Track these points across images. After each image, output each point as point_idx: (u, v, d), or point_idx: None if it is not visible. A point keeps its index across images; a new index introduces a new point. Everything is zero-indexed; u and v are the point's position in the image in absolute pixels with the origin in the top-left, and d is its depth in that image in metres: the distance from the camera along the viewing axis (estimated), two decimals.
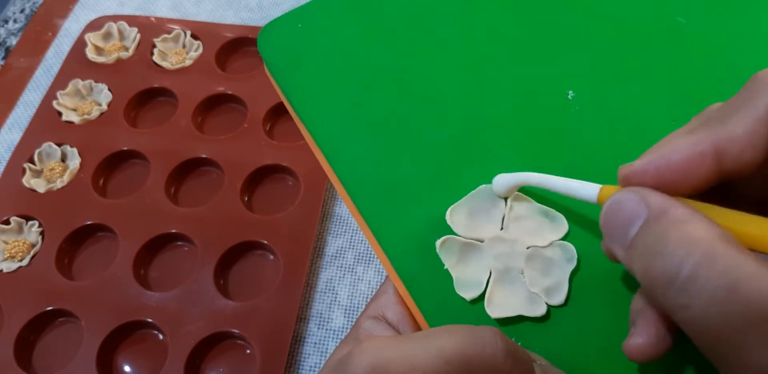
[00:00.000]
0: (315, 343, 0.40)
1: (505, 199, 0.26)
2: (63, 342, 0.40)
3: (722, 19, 0.29)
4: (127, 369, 0.39)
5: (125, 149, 0.47)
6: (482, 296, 0.25)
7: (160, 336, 0.40)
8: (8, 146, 0.49)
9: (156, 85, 0.50)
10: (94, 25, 0.54)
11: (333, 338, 0.40)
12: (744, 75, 0.25)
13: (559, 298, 0.24)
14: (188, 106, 0.49)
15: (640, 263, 0.17)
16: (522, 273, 0.25)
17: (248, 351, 0.39)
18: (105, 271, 0.41)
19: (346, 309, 0.41)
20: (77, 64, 0.52)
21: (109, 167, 0.47)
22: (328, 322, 0.41)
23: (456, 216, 0.26)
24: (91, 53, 0.52)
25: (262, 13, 0.57)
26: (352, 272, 0.43)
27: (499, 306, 0.25)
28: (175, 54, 0.52)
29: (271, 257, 0.43)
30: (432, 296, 0.25)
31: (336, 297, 0.42)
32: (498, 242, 0.25)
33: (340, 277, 0.42)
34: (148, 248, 0.43)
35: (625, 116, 0.27)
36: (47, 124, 0.48)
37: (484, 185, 0.26)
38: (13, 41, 0.57)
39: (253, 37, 0.53)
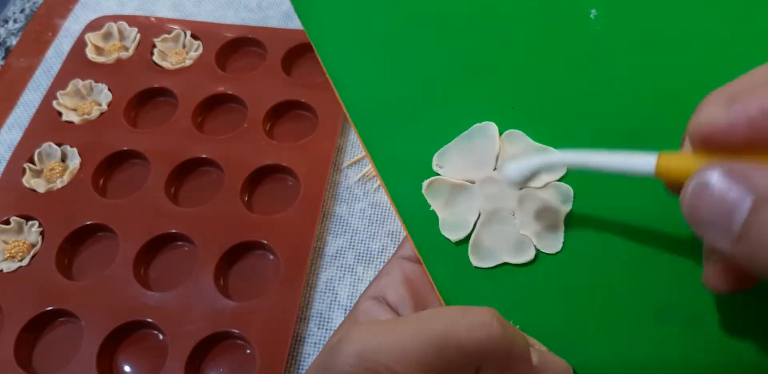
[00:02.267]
0: (315, 343, 0.40)
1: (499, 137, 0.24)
2: (63, 342, 0.40)
3: None
4: (127, 369, 0.39)
5: (125, 149, 0.47)
6: (468, 237, 0.24)
7: (160, 336, 0.40)
8: (8, 146, 0.49)
9: (156, 85, 0.50)
10: (94, 25, 0.54)
11: None
12: None
13: (554, 246, 0.23)
14: (188, 106, 0.49)
15: (763, 259, 0.14)
16: (513, 215, 0.24)
17: (248, 351, 0.39)
18: (105, 271, 0.41)
19: (346, 309, 0.41)
20: (77, 64, 0.52)
21: (109, 167, 0.47)
22: (328, 322, 0.41)
23: (444, 159, 0.25)
24: (91, 53, 0.52)
25: (262, 13, 0.57)
26: (352, 273, 0.43)
27: (483, 251, 0.24)
28: (175, 54, 0.52)
29: (271, 257, 0.43)
30: (424, 230, 0.25)
31: (336, 297, 0.42)
32: (489, 183, 0.24)
33: (340, 277, 0.42)
34: (148, 248, 0.43)
35: (651, 38, 0.23)
36: (47, 124, 0.48)
37: (477, 124, 0.25)
38: (13, 41, 0.57)
39: (253, 37, 0.53)
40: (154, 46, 0.52)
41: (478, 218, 0.24)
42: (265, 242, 0.42)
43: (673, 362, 0.21)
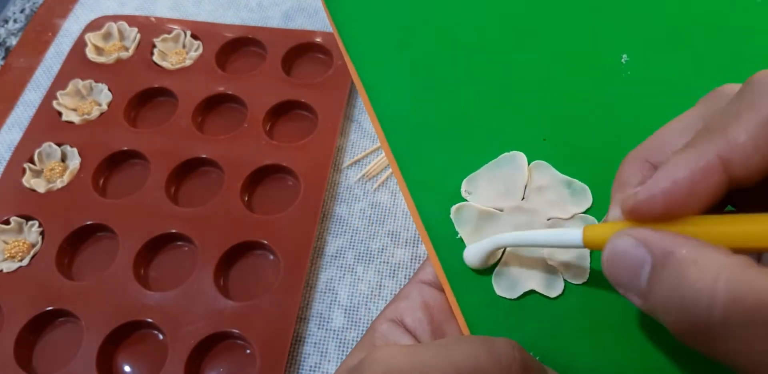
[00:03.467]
0: (315, 343, 0.40)
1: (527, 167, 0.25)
2: (63, 342, 0.40)
3: None
4: (127, 369, 0.39)
5: (125, 149, 0.47)
6: (495, 265, 0.24)
7: (160, 336, 0.40)
8: (8, 146, 0.49)
9: (156, 85, 0.50)
10: (94, 25, 0.54)
11: (333, 338, 0.40)
12: None
13: (581, 276, 0.23)
14: (188, 106, 0.49)
15: (665, 314, 0.16)
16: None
17: (248, 351, 0.39)
18: (105, 271, 0.41)
19: (346, 309, 0.41)
20: (77, 64, 0.52)
21: (109, 167, 0.47)
22: (328, 322, 0.41)
23: (472, 185, 0.25)
24: (91, 53, 0.52)
25: (262, 13, 0.57)
26: (352, 273, 0.43)
27: (508, 280, 0.24)
28: (175, 54, 0.52)
29: (271, 257, 0.43)
30: (450, 256, 0.24)
31: (336, 297, 0.42)
32: (518, 212, 0.24)
33: (340, 277, 0.42)
34: (148, 248, 0.43)
35: (677, 84, 0.25)
36: (47, 124, 0.48)
37: (507, 153, 0.25)
38: (13, 41, 0.57)
39: (253, 37, 0.53)
40: (154, 46, 0.52)
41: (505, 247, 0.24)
42: (265, 242, 0.42)
43: None
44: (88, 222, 0.43)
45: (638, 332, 0.22)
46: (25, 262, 0.42)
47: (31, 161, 0.47)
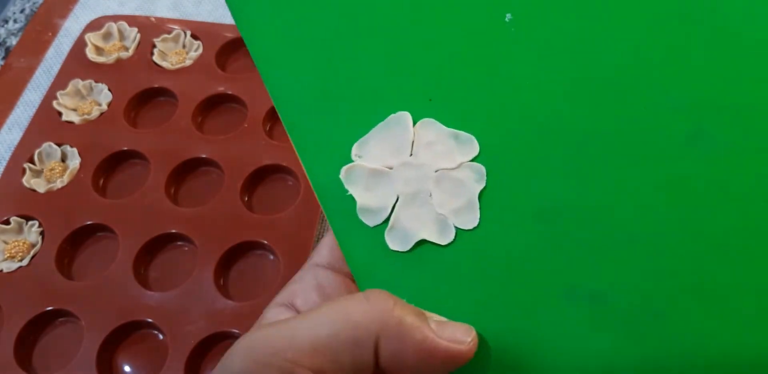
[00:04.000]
0: None
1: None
2: (63, 342, 0.40)
3: None
4: (127, 369, 0.39)
5: (125, 149, 0.47)
6: (386, 222, 0.25)
7: (160, 336, 0.40)
8: (8, 146, 0.49)
9: (156, 85, 0.50)
10: (94, 25, 0.54)
11: None
12: (709, 9, 0.24)
13: (471, 222, 0.24)
14: (188, 106, 0.49)
15: None
16: (430, 196, 0.25)
17: None
18: (105, 271, 0.41)
19: None
20: (77, 64, 0.52)
21: (109, 167, 0.47)
22: None
23: (362, 149, 0.26)
24: (91, 53, 0.52)
25: None
26: None
27: (400, 233, 0.25)
28: (175, 54, 0.52)
29: (271, 257, 0.43)
30: (343, 215, 0.25)
31: None
32: (406, 168, 0.25)
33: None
34: (148, 248, 0.43)
35: (560, 40, 0.26)
36: (47, 124, 0.48)
37: (393, 114, 0.26)
38: (13, 41, 0.57)
39: None
40: (154, 46, 0.52)
41: (396, 202, 0.25)
42: (265, 242, 0.42)
43: (578, 338, 0.23)
44: (88, 222, 0.43)
45: (526, 274, 0.24)
46: (25, 262, 0.42)
47: (31, 161, 0.47)
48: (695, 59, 0.24)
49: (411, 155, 0.26)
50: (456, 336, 0.21)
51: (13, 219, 0.43)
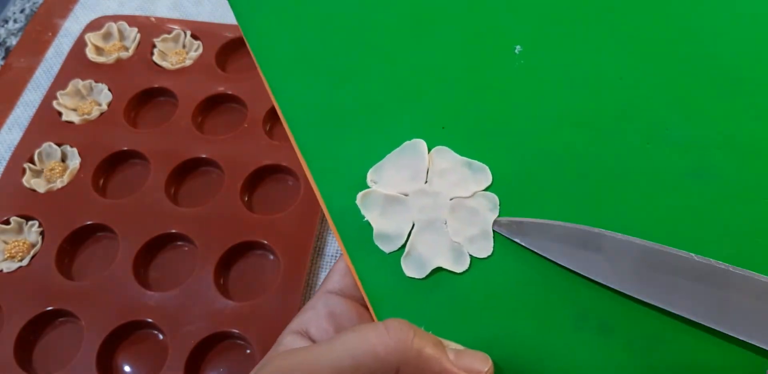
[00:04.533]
0: None
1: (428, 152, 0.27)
2: (63, 342, 0.40)
3: None
4: (127, 369, 0.39)
5: (125, 149, 0.47)
6: (402, 249, 0.25)
7: (160, 336, 0.40)
8: (8, 146, 0.49)
9: (156, 85, 0.50)
10: (94, 25, 0.54)
11: None
12: (699, 33, 0.26)
13: (486, 250, 0.25)
14: (188, 106, 0.49)
15: None
16: (445, 224, 0.25)
17: (248, 351, 0.39)
18: (105, 271, 0.41)
19: None
20: (77, 64, 0.52)
21: (109, 167, 0.47)
22: None
23: (378, 175, 0.26)
24: (91, 53, 0.52)
25: None
26: None
27: (416, 260, 0.25)
28: (175, 54, 0.52)
29: (271, 257, 0.43)
30: (358, 242, 0.26)
31: None
32: (421, 195, 0.26)
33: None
34: (148, 248, 0.43)
35: (567, 72, 0.27)
36: (47, 124, 0.48)
37: (408, 141, 0.26)
38: (13, 41, 0.57)
39: None
40: (154, 46, 0.52)
41: (412, 229, 0.26)
42: (265, 242, 0.42)
43: (586, 368, 0.23)
44: (88, 222, 0.43)
45: (538, 302, 0.24)
46: (25, 262, 0.42)
47: (31, 161, 0.47)
48: (698, 97, 0.25)
49: (426, 182, 0.26)
50: (474, 365, 0.21)
51: (13, 219, 0.44)
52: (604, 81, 0.26)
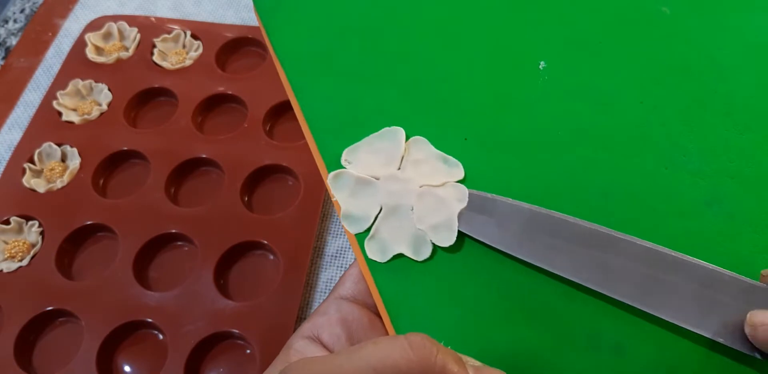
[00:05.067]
0: None
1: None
2: (63, 342, 0.40)
3: (706, 13, 0.29)
4: (127, 369, 0.39)
5: (125, 149, 0.47)
6: (368, 230, 0.26)
7: (160, 336, 0.40)
8: (8, 146, 0.49)
9: (156, 85, 0.50)
10: (94, 25, 0.54)
11: None
12: (718, 64, 0.27)
13: (448, 239, 0.25)
14: (188, 106, 0.49)
15: None
16: (412, 211, 0.25)
17: (248, 351, 0.39)
18: (105, 271, 0.41)
19: None
20: (77, 64, 0.52)
21: (109, 167, 0.47)
22: None
23: (352, 155, 0.27)
24: (91, 53, 0.52)
25: None
26: None
27: (379, 243, 0.25)
28: (175, 54, 0.52)
29: (271, 257, 0.43)
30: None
31: None
32: (392, 181, 0.26)
33: (339, 277, 0.42)
34: (148, 248, 0.43)
35: (590, 89, 0.28)
36: (47, 124, 0.48)
37: (388, 127, 0.27)
38: (13, 41, 0.57)
39: (253, 37, 0.53)
40: (154, 46, 0.52)
41: (379, 212, 0.26)
42: (265, 242, 0.42)
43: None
44: (88, 222, 0.43)
45: (499, 292, 0.24)
46: (25, 262, 0.42)
47: (31, 161, 0.47)
48: (713, 129, 0.26)
49: (399, 168, 0.26)
50: None
51: (13, 219, 0.44)
52: (625, 103, 0.27)
